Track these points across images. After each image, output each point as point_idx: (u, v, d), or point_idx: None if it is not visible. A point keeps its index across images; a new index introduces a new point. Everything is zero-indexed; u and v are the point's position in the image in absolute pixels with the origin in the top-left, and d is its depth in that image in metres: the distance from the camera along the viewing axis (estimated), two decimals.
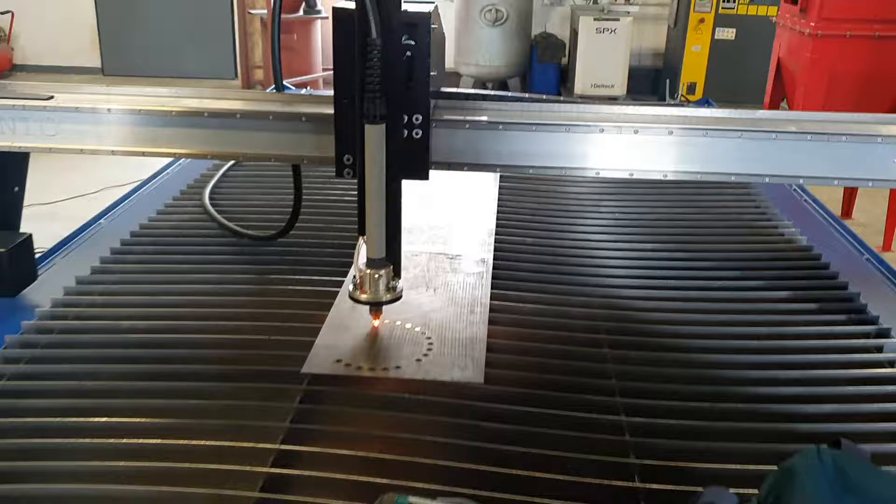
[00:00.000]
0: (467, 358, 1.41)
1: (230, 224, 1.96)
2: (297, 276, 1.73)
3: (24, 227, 1.76)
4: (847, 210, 4.97)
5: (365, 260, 1.44)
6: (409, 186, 1.44)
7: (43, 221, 2.44)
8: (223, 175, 2.32)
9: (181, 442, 1.20)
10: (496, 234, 1.95)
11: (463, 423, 1.25)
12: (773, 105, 5.48)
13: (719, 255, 1.88)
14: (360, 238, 1.45)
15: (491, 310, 1.58)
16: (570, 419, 1.26)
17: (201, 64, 8.72)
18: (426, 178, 1.46)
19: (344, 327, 1.51)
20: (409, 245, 1.86)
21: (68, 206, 4.72)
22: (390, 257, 1.46)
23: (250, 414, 1.26)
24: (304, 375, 1.36)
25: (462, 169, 1.53)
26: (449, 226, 1.99)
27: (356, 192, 1.41)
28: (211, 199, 2.16)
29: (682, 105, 3.74)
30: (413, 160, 1.44)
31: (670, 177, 1.49)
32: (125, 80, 8.49)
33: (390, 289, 1.46)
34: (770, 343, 1.50)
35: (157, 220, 2.07)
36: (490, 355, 1.42)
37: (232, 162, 2.35)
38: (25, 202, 1.79)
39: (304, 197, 1.99)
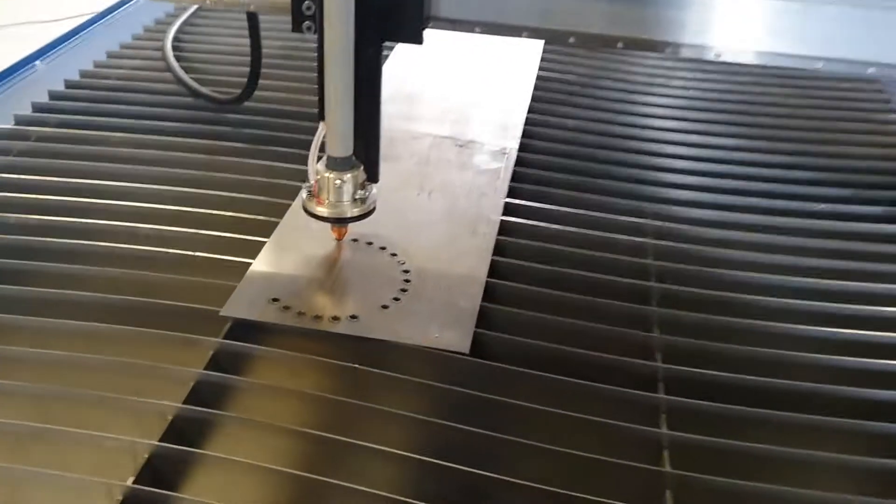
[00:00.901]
0: (454, 308, 1.01)
1: (187, 78, 1.54)
2: (252, 161, 1.32)
3: None
4: None
5: (325, 158, 1.03)
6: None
7: None
8: (197, 10, 1.86)
9: (28, 424, 0.84)
10: (528, 114, 1.49)
11: (433, 423, 0.86)
12: None
13: (824, 163, 1.40)
14: (321, 124, 1.03)
15: (500, 231, 1.16)
16: (594, 427, 0.86)
17: None
18: (419, 41, 1.01)
19: (293, 247, 1.11)
20: (408, 122, 1.42)
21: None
22: (363, 155, 1.05)
23: (137, 384, 0.89)
24: (225, 319, 0.98)
25: (473, 30, 1.06)
26: (467, 100, 1.53)
27: None
28: (177, 41, 1.73)
29: None
30: (400, 14, 0.99)
31: (777, 62, 1.00)
32: None
33: (358, 200, 1.05)
34: (888, 311, 1.06)
35: (103, 66, 1.66)
36: (486, 306, 1.01)
37: None
38: None
39: (284, 45, 1.58)
